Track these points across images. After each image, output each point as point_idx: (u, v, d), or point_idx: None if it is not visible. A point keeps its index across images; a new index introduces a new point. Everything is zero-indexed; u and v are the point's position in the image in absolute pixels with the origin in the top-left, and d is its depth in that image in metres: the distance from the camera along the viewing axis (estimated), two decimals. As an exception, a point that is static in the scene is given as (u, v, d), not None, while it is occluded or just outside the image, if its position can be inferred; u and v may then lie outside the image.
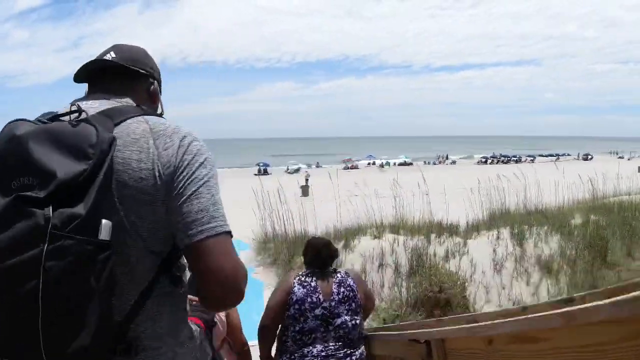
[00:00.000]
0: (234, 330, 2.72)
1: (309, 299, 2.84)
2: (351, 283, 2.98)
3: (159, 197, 1.05)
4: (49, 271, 0.78)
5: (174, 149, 1.08)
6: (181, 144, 1.09)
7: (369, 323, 9.30)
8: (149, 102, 1.33)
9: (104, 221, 0.88)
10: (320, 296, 2.86)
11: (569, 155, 78.11)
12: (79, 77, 1.26)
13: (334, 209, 12.48)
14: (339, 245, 11.06)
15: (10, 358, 0.83)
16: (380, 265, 10.46)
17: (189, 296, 1.31)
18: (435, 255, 10.76)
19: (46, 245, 0.78)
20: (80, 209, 0.84)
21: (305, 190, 31.22)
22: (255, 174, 45.49)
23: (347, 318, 2.86)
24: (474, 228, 12.39)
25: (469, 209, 13.45)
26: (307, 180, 34.83)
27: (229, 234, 1.10)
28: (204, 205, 1.05)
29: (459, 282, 9.73)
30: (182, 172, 1.06)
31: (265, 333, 2.96)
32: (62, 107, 1.13)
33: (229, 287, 1.07)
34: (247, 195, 12.62)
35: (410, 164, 59.05)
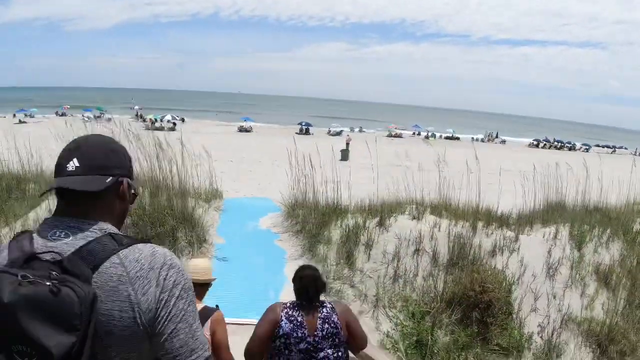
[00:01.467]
0: (220, 349, 3.03)
1: (294, 334, 2.95)
2: (335, 319, 3.04)
3: (143, 338, 1.16)
4: None
5: (152, 292, 1.16)
6: (158, 282, 1.18)
7: (397, 315, 8.31)
8: (122, 202, 1.37)
9: None
10: (306, 331, 2.96)
11: (625, 148, 72.78)
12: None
13: (371, 179, 11.30)
14: (372, 222, 9.96)
15: None
16: (417, 250, 9.31)
17: None
18: (480, 247, 9.49)
19: None
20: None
21: (344, 155, 30.23)
22: (297, 133, 44.51)
23: (330, 352, 2.97)
24: (528, 221, 10.94)
25: (522, 196, 11.93)
26: (347, 144, 33.68)
27: (208, 358, 1.24)
28: (184, 341, 1.18)
29: (504, 284, 8.49)
30: (161, 312, 1.16)
31: (251, 357, 3.03)
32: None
33: None
34: (287, 153, 11.53)
35: (457, 138, 56.43)
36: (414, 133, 62.23)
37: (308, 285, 3.14)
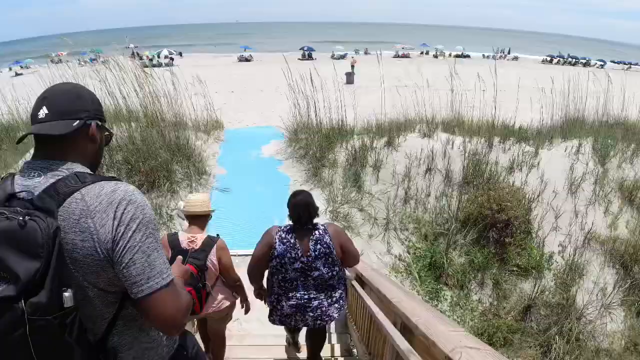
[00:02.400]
0: (227, 270, 3.34)
1: (288, 254, 3.13)
2: (327, 240, 3.16)
3: (105, 265, 1.29)
4: (34, 342, 1.13)
5: (109, 225, 1.27)
6: (115, 216, 1.28)
7: (409, 237, 7.87)
8: (91, 143, 1.47)
9: (65, 294, 1.17)
10: (299, 252, 3.13)
11: None
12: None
13: (378, 100, 10.51)
14: (380, 142, 9.30)
15: None
16: (428, 170, 8.72)
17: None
18: (497, 164, 8.86)
19: (27, 327, 1.10)
20: (42, 297, 1.12)
21: (349, 78, 28.87)
22: (299, 59, 42.56)
23: (324, 270, 3.15)
24: (547, 135, 10.20)
25: (539, 111, 11.08)
26: (352, 67, 32.14)
27: (166, 286, 1.32)
28: (140, 269, 1.28)
29: (524, 201, 7.94)
30: (118, 243, 1.27)
31: (253, 275, 3.34)
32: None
33: (169, 327, 1.38)
34: (289, 80, 10.63)
35: (467, 56, 53.82)
36: (421, 52, 59.54)
37: (300, 210, 3.21)
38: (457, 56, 50.75)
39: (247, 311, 3.66)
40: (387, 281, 3.28)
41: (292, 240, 3.16)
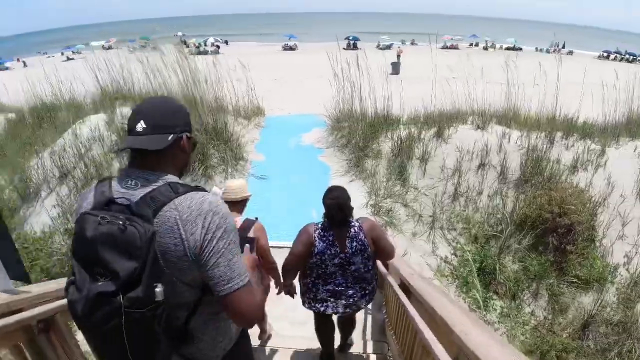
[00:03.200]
0: (264, 251, 3.43)
1: (328, 251, 3.23)
2: (362, 237, 3.26)
3: (193, 266, 1.47)
4: (129, 330, 1.30)
5: (198, 233, 1.45)
6: (203, 225, 1.46)
7: (456, 238, 7.21)
8: (182, 153, 1.64)
9: (157, 289, 1.33)
10: (338, 249, 3.24)
11: None
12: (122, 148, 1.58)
13: (426, 92, 9.79)
14: (428, 133, 8.63)
15: None
16: (481, 165, 7.99)
17: None
18: (559, 162, 8.02)
19: (123, 318, 1.28)
20: (138, 292, 1.29)
21: (395, 67, 27.92)
22: (344, 48, 41.76)
23: (361, 265, 3.27)
24: (614, 133, 9.22)
25: (602, 108, 9.99)
26: (398, 56, 31.10)
27: (244, 286, 1.52)
28: (223, 272, 1.48)
29: (589, 205, 7.12)
30: (205, 249, 1.45)
31: (288, 272, 3.39)
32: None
33: (245, 322, 1.59)
34: (334, 68, 10.06)
35: (519, 49, 51.13)
36: (470, 44, 57.12)
37: (334, 212, 3.25)
38: (508, 49, 48.55)
39: (280, 292, 3.71)
40: (442, 296, 2.70)
41: (330, 238, 3.25)
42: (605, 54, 56.56)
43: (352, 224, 3.29)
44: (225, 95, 10.28)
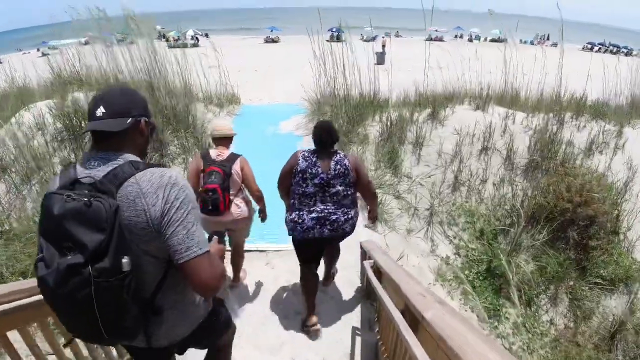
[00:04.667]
0: (248, 179, 3.81)
1: (309, 170, 3.44)
2: (346, 163, 3.48)
3: (155, 236, 1.54)
4: (98, 299, 1.38)
5: (159, 204, 1.52)
6: (163, 196, 1.53)
7: (459, 234, 6.12)
8: (141, 137, 1.72)
9: (123, 260, 1.41)
10: (320, 169, 3.44)
11: None
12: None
13: (415, 78, 8.64)
14: (422, 115, 7.54)
15: (79, 334, 1.56)
16: (484, 149, 6.90)
17: None
18: (571, 144, 6.98)
19: (92, 288, 1.36)
20: (106, 263, 1.38)
21: (380, 57, 26.62)
22: (328, 40, 40.57)
23: (340, 188, 3.47)
24: (628, 113, 8.22)
25: (603, 89, 8.95)
26: (383, 47, 29.86)
27: (202, 254, 1.55)
28: (181, 239, 1.52)
29: (612, 193, 6.09)
30: (164, 218, 1.52)
31: (280, 187, 3.67)
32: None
33: (205, 289, 1.59)
34: (317, 59, 8.87)
35: (505, 40, 50.36)
36: (456, 36, 56.55)
37: (322, 133, 3.50)
38: (493, 40, 47.75)
39: (263, 219, 4.11)
40: (461, 323, 1.68)
41: (313, 159, 3.45)
42: (589, 46, 56.35)
43: (338, 152, 3.54)
44: (195, 81, 9.15)
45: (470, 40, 51.61)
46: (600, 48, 55.49)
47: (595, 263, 5.75)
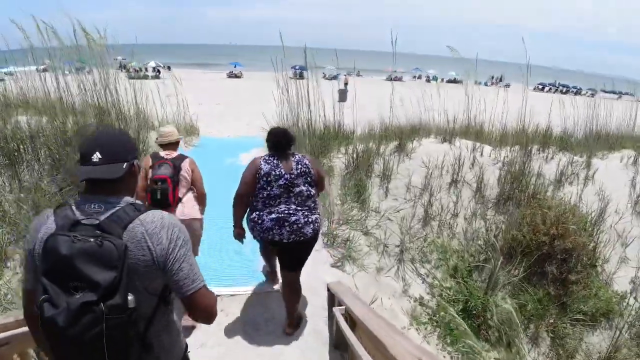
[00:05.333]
0: (197, 180, 3.92)
1: (273, 172, 3.47)
2: (306, 162, 3.60)
3: (159, 273, 1.62)
4: (109, 336, 1.42)
5: (163, 244, 1.61)
6: (167, 236, 1.63)
7: (432, 272, 5.73)
8: (133, 178, 1.78)
9: (129, 297, 1.46)
10: (283, 170, 3.49)
11: (632, 95, 66.92)
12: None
13: (376, 116, 8.35)
14: (389, 147, 7.25)
15: None
16: (454, 182, 6.63)
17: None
18: (541, 176, 6.81)
19: (104, 324, 1.40)
20: (117, 300, 1.43)
21: (342, 95, 26.59)
22: (291, 78, 40.79)
23: (304, 188, 3.53)
24: (591, 144, 8.19)
25: (562, 121, 8.90)
26: (346, 84, 30.08)
27: (204, 286, 1.69)
28: (186, 274, 1.64)
29: (586, 224, 5.89)
30: (169, 257, 1.61)
31: (239, 200, 3.57)
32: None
33: (207, 316, 1.74)
34: (279, 94, 8.47)
35: (460, 81, 52.06)
36: (414, 76, 58.18)
37: (279, 136, 3.57)
38: (449, 81, 49.39)
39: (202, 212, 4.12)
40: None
41: (275, 161, 3.51)
42: (540, 86, 59.12)
43: (295, 153, 3.63)
44: (151, 110, 8.64)
45: (428, 80, 53.05)
46: (550, 88, 58.35)
47: (575, 298, 5.47)
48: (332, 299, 4.12)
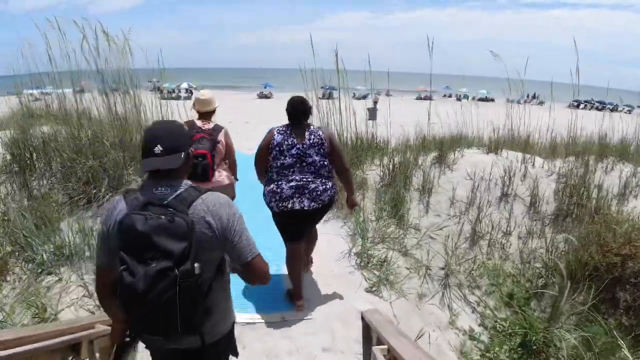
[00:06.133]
0: (230, 149, 4.11)
1: (285, 142, 3.59)
2: (320, 134, 3.65)
3: (219, 245, 1.87)
4: (181, 298, 1.65)
5: (223, 220, 1.86)
6: (225, 212, 1.88)
7: (483, 300, 4.98)
8: (188, 165, 1.98)
9: (196, 265, 1.70)
10: (295, 140, 3.60)
11: None
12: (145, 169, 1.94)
13: (413, 126, 7.72)
14: (428, 158, 6.59)
15: (152, 331, 1.77)
16: (504, 196, 5.89)
17: None
18: (601, 189, 5.98)
19: (177, 288, 1.63)
20: (188, 266, 1.66)
21: (372, 113, 26.28)
22: (320, 98, 40.54)
23: (317, 158, 3.59)
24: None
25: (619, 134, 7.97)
26: (375, 103, 29.67)
27: (259, 254, 1.96)
28: (245, 245, 1.91)
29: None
30: (229, 231, 1.87)
31: (257, 163, 3.81)
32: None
33: (263, 279, 2.02)
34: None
35: (492, 100, 50.43)
36: (444, 95, 57.15)
37: (297, 104, 3.69)
38: (480, 100, 48.02)
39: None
40: None
41: (288, 132, 3.63)
42: (575, 103, 56.93)
43: (311, 124, 3.76)
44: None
45: (459, 99, 52.08)
46: (586, 105, 56.30)
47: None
48: (368, 331, 3.48)
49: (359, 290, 4.32)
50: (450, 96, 56.86)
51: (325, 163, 3.60)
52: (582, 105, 55.99)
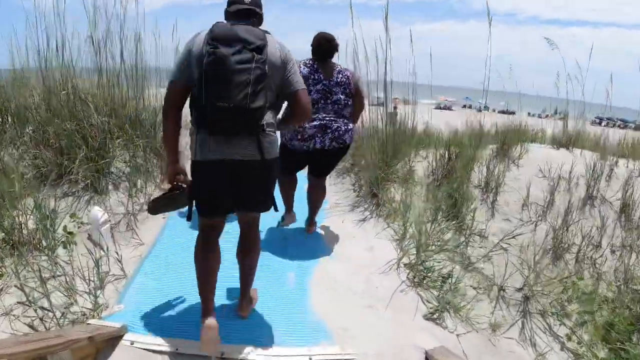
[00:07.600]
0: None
1: (312, 76, 3.49)
2: (347, 74, 3.60)
3: (281, 72, 2.31)
4: (254, 71, 2.10)
5: (286, 52, 2.34)
6: (285, 49, 2.35)
7: (575, 331, 3.78)
8: (260, 24, 2.44)
9: (266, 66, 2.21)
10: (322, 75, 3.52)
11: None
12: (230, 15, 2.40)
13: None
14: (487, 151, 5.43)
15: (229, 99, 2.09)
16: (589, 198, 4.69)
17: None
18: None
19: (253, 64, 2.10)
20: (264, 55, 2.15)
21: (392, 118, 25.15)
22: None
23: (342, 97, 3.54)
24: None
25: None
26: (395, 107, 28.53)
27: (304, 88, 2.41)
28: (297, 76, 2.37)
29: None
30: (289, 61, 2.34)
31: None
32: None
33: (307, 110, 2.44)
34: None
35: (513, 112, 48.91)
36: (464, 105, 56.18)
37: (322, 40, 3.56)
38: (501, 112, 46.59)
39: None
40: None
41: (315, 66, 3.54)
42: (597, 120, 55.36)
43: (338, 63, 3.67)
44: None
45: (479, 110, 50.79)
46: (608, 122, 54.51)
47: None
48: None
49: (417, 318, 3.15)
50: (470, 107, 55.78)
51: (349, 103, 3.60)
52: (604, 122, 54.40)
